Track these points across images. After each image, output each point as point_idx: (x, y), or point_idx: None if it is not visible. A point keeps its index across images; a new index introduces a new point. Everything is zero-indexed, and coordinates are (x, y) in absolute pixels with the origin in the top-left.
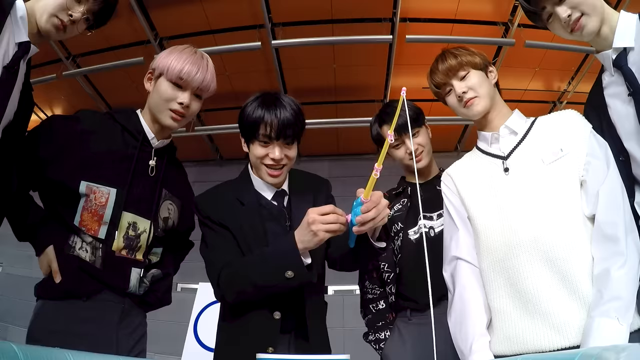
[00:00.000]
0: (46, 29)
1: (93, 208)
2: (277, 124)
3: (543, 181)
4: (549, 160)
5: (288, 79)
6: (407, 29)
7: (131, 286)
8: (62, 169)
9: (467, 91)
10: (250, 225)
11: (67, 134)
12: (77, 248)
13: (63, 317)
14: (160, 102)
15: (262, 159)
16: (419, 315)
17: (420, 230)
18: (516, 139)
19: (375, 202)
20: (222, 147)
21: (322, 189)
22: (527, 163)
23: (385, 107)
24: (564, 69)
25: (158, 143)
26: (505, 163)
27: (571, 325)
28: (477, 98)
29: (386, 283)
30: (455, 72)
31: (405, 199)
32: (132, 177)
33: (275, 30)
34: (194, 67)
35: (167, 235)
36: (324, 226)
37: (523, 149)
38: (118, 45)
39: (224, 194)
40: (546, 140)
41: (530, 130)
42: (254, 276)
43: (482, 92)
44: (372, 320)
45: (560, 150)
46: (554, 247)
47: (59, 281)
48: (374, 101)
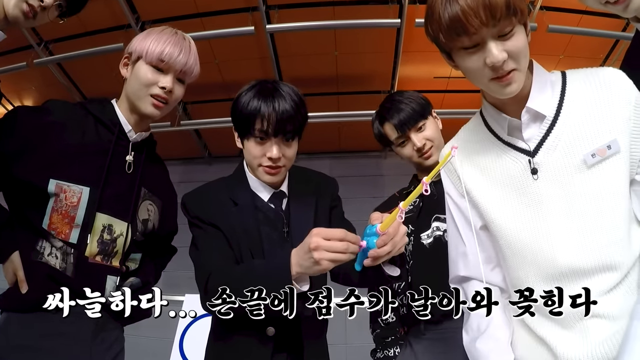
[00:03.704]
0: (14, 14)
1: (63, 209)
2: (275, 118)
3: (586, 191)
4: (592, 162)
5: (284, 68)
6: (416, 12)
7: (107, 296)
8: (28, 165)
9: (506, 59)
10: (243, 228)
11: (34, 127)
12: (45, 254)
13: (30, 332)
14: (139, 88)
15: (258, 157)
16: (434, 328)
17: (434, 234)
18: (544, 124)
19: (392, 234)
20: (211, 144)
21: (327, 191)
22: (562, 163)
23: (386, 101)
24: (592, 57)
25: (136, 136)
26: (532, 162)
27: None
28: (516, 72)
29: (396, 293)
30: (495, 20)
31: (417, 199)
32: (107, 174)
33: (270, 13)
34: (176, 49)
35: (146, 239)
36: (330, 255)
37: (555, 138)
38: (95, 30)
39: (215, 193)
40: (585, 124)
41: (562, 107)
42: (239, 294)
43: (523, 65)
44: (380, 335)
45: (608, 147)
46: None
47: (25, 291)
48: (379, 92)
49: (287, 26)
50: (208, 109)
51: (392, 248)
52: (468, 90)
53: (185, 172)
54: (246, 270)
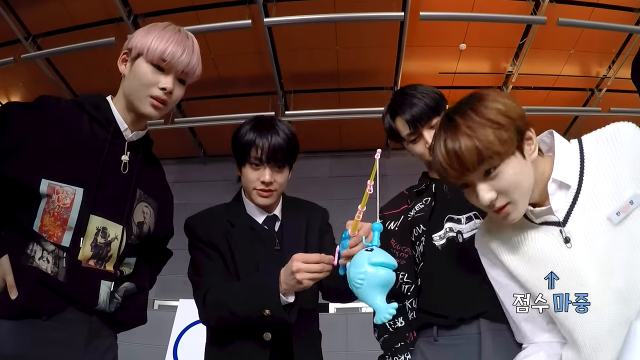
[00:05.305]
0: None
1: (56, 211)
2: (268, 148)
3: (617, 247)
4: (618, 219)
5: (283, 63)
6: (421, 5)
7: (100, 302)
8: (18, 164)
9: (496, 197)
10: (238, 247)
11: (25, 124)
12: (36, 258)
13: (20, 339)
14: (138, 87)
15: (253, 181)
16: (448, 334)
17: (447, 235)
18: (570, 193)
19: (362, 235)
20: (206, 142)
21: (317, 218)
22: (591, 227)
23: (398, 94)
24: (604, 51)
25: (132, 135)
26: (564, 232)
27: None
28: (511, 205)
29: (405, 296)
30: (473, 167)
31: (429, 198)
32: (102, 175)
33: (268, 6)
34: (179, 48)
35: (141, 243)
36: (309, 275)
37: (582, 205)
38: (85, 24)
39: (215, 216)
40: (606, 185)
41: (584, 174)
42: (234, 306)
43: (518, 194)
44: (389, 341)
45: (630, 203)
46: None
47: (15, 297)
48: (382, 89)
49: (286, 19)
50: (203, 106)
51: (362, 247)
52: (474, 86)
53: (180, 171)
54: (240, 285)
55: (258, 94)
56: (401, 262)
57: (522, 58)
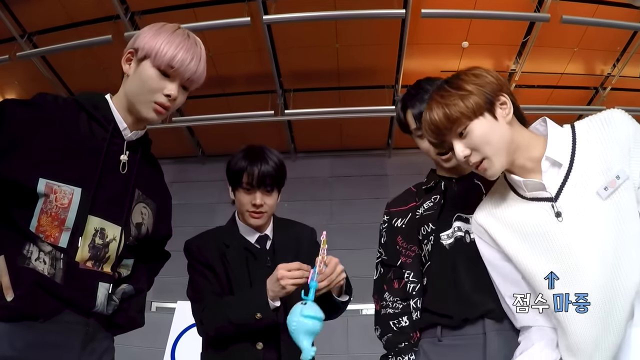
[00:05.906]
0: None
1: (53, 211)
2: (258, 174)
3: (605, 223)
4: (606, 194)
5: (282, 61)
6: (422, 2)
7: (98, 304)
8: (15, 163)
9: (470, 154)
10: (232, 266)
11: (22, 122)
12: (33, 259)
13: (15, 342)
14: (142, 92)
15: (245, 204)
16: (453, 334)
17: (455, 235)
18: (562, 171)
19: (327, 274)
20: (205, 142)
21: (305, 236)
22: (581, 202)
23: (412, 87)
24: (608, 49)
25: (131, 134)
26: (555, 206)
27: None
28: (487, 160)
29: (410, 296)
30: (448, 130)
31: (438, 196)
32: (100, 175)
33: (267, 3)
34: (188, 55)
35: (139, 244)
36: (291, 280)
37: (573, 182)
38: (82, 22)
39: (211, 238)
40: (595, 163)
41: (575, 154)
42: (230, 315)
43: (491, 150)
44: (392, 341)
45: (617, 177)
46: None
47: (10, 299)
48: (383, 87)
49: (285, 17)
50: (202, 105)
51: (328, 283)
52: None
53: (177, 171)
54: (234, 297)
55: (257, 92)
56: (407, 261)
57: (525, 56)
